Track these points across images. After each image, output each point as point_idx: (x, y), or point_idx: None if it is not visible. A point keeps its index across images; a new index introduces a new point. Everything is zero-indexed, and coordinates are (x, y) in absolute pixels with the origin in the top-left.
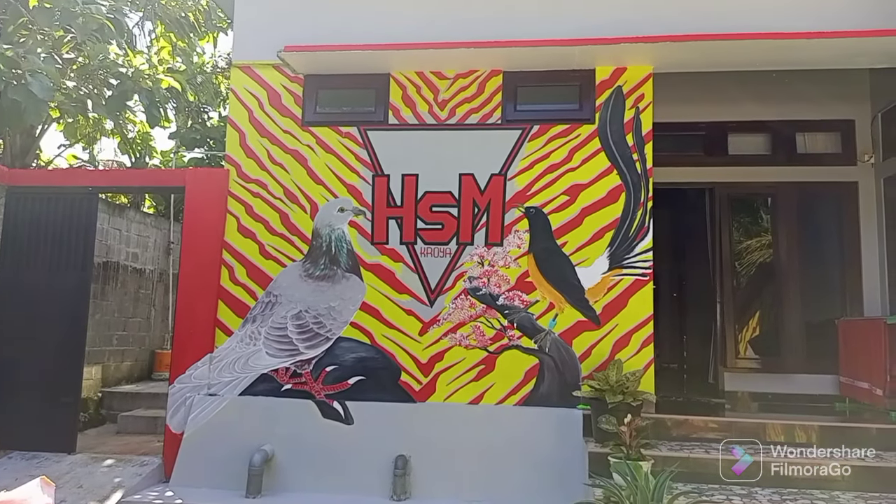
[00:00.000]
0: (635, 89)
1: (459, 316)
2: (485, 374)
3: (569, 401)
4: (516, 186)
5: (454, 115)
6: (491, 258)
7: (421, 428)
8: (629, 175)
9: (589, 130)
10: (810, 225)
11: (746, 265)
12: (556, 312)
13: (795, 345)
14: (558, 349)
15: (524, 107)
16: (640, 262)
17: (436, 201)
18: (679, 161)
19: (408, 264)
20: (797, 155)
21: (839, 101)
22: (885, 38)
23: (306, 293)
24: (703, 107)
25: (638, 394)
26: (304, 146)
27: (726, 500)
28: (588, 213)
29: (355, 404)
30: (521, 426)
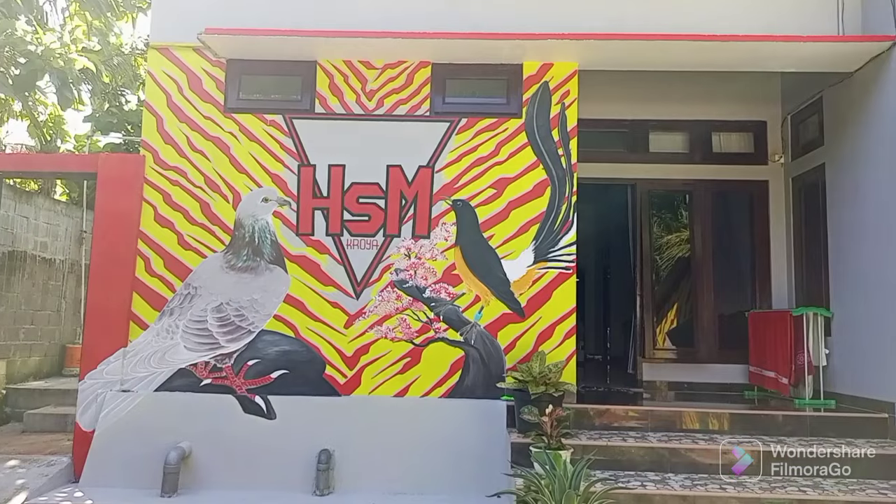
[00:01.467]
0: (561, 85)
1: (386, 308)
2: (410, 366)
3: (493, 392)
4: (444, 179)
5: (382, 106)
6: (418, 250)
7: (345, 422)
8: (554, 170)
9: (516, 125)
10: (724, 221)
11: (667, 259)
12: (482, 305)
13: (709, 336)
14: (483, 341)
15: (452, 99)
16: (564, 256)
17: (363, 192)
18: (603, 157)
19: (334, 256)
20: (713, 154)
21: (752, 102)
22: (793, 43)
23: (228, 285)
24: (626, 105)
25: (560, 385)
26: (226, 133)
27: (641, 485)
28: (514, 206)
29: (278, 399)
30: (446, 418)
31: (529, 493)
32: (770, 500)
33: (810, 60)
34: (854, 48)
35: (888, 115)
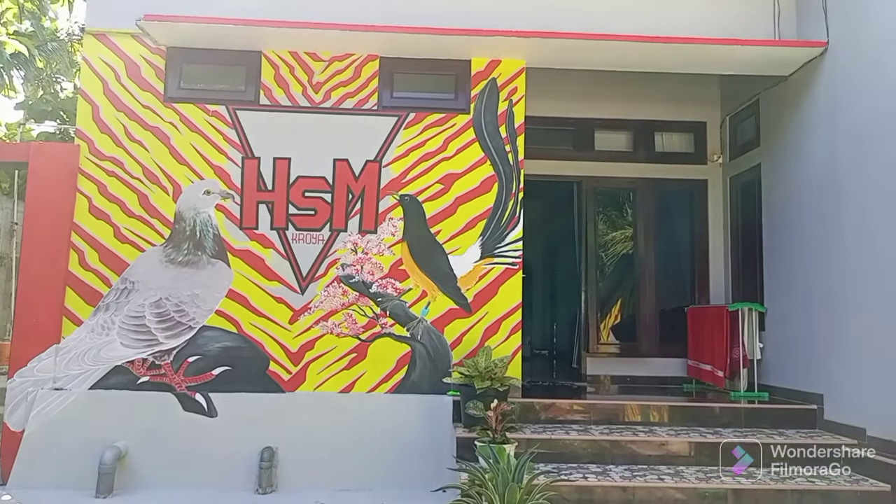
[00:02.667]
0: (509, 82)
1: (332, 304)
2: (357, 362)
3: (439, 387)
4: (391, 174)
5: (329, 99)
6: (365, 245)
7: (290, 418)
8: (502, 166)
9: (464, 120)
10: (666, 219)
11: (612, 256)
12: (429, 300)
13: (650, 331)
14: (430, 337)
15: (400, 94)
16: (510, 252)
17: (309, 186)
18: (550, 154)
19: (279, 251)
20: (655, 153)
21: (693, 104)
22: (733, 46)
23: (167, 280)
24: (573, 103)
25: (505, 379)
26: (166, 123)
27: (583, 477)
28: (462, 202)
29: (220, 396)
30: (392, 414)
31: (473, 487)
32: (706, 490)
33: (749, 63)
34: (789, 53)
35: (819, 118)
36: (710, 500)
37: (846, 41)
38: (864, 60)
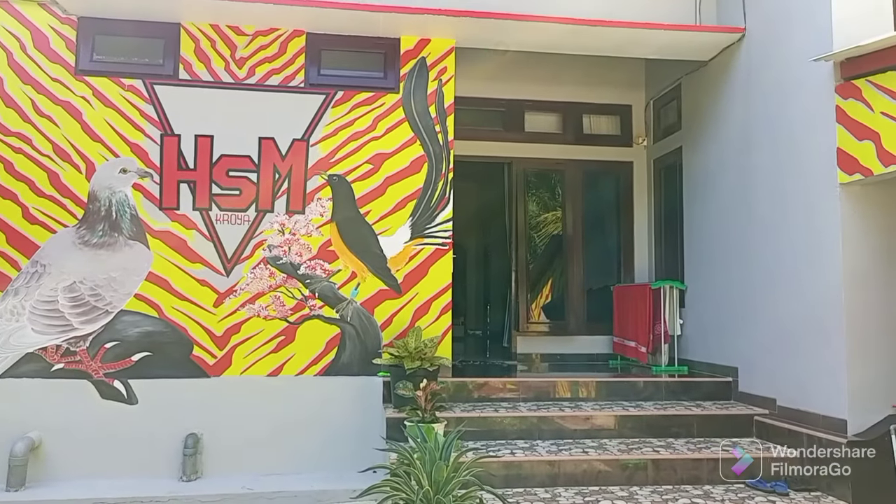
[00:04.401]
0: (439, 61)
1: (258, 286)
2: (285, 345)
3: (369, 369)
4: (319, 153)
5: (254, 75)
6: (292, 226)
7: (215, 404)
8: (431, 146)
9: (393, 100)
10: (594, 200)
11: (543, 237)
12: (359, 281)
13: (578, 310)
14: (360, 318)
15: (328, 71)
16: (441, 232)
17: (233, 165)
18: (480, 135)
19: (202, 232)
20: (584, 135)
21: (620, 87)
22: (656, 30)
23: (82, 262)
24: (503, 84)
25: (435, 359)
26: (77, 98)
27: (510, 453)
28: (391, 182)
29: (140, 382)
30: (321, 396)
31: (401, 467)
32: (627, 461)
33: (671, 48)
34: (709, 38)
35: (736, 103)
36: (632, 470)
37: (762, 27)
38: (777, 46)
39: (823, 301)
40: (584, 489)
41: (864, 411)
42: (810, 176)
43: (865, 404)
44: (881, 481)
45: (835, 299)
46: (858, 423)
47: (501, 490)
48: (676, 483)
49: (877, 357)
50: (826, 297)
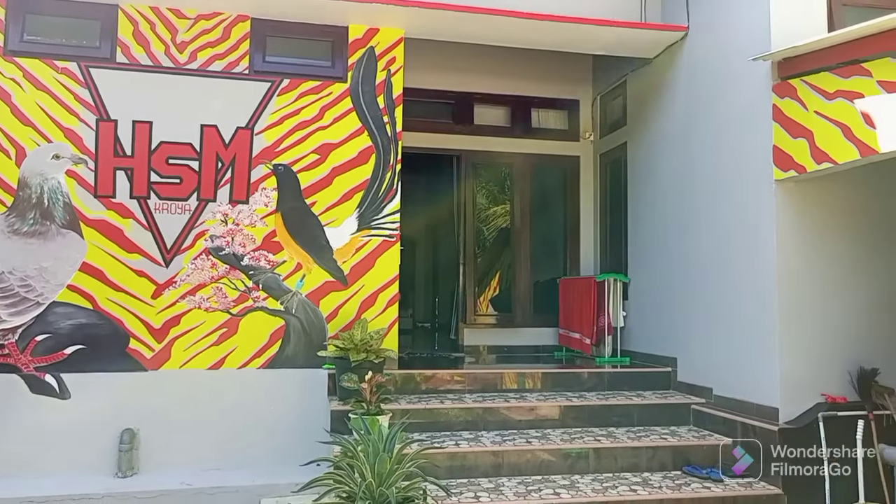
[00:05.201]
0: (387, 51)
1: (199, 277)
2: (227, 337)
3: (315, 361)
4: (264, 142)
5: (195, 60)
6: (235, 216)
7: (153, 398)
8: (379, 137)
9: (341, 89)
10: (541, 194)
11: (493, 230)
12: (304, 273)
13: (525, 302)
14: (305, 310)
15: (274, 58)
16: (388, 224)
17: (173, 153)
18: (429, 127)
19: (139, 221)
20: (532, 129)
21: (568, 82)
22: (602, 27)
23: (11, 252)
24: (453, 76)
25: (381, 351)
26: (6, 80)
27: (455, 444)
28: (338, 172)
29: (73, 376)
30: (265, 389)
31: (344, 459)
32: (569, 450)
33: (617, 45)
34: (653, 36)
35: (678, 100)
36: (574, 459)
37: (704, 27)
38: (718, 45)
39: (758, 294)
40: (528, 479)
41: (795, 400)
42: (748, 172)
43: (796, 393)
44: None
45: (769, 292)
46: (789, 411)
47: (445, 481)
48: (617, 471)
49: (807, 348)
50: (761, 290)
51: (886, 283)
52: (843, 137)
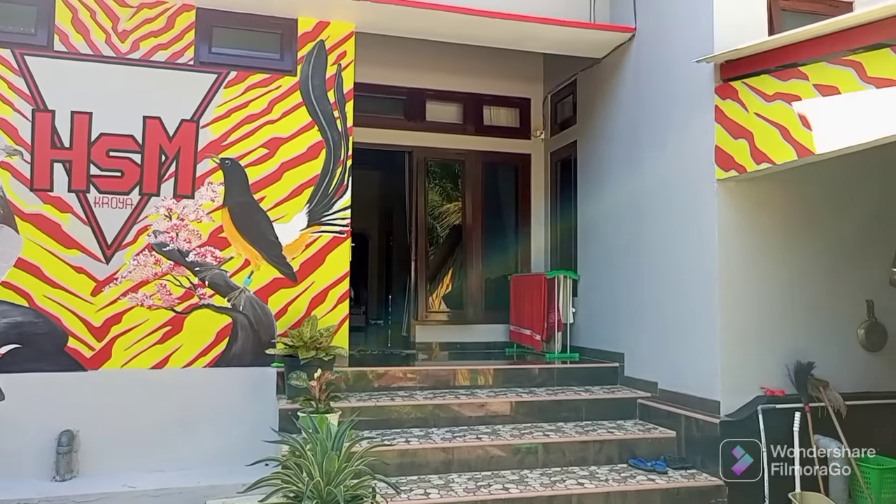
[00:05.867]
0: (338, 45)
1: (142, 274)
2: (171, 335)
3: (263, 359)
4: (210, 135)
5: (138, 50)
6: (180, 211)
7: (93, 398)
8: (330, 132)
9: (290, 83)
10: (493, 191)
11: (445, 227)
12: (252, 269)
13: (476, 299)
14: (253, 307)
15: (220, 50)
16: (338, 220)
17: (114, 145)
18: (381, 123)
19: (78, 215)
20: (484, 126)
21: (519, 80)
22: (551, 26)
23: None
24: (405, 72)
25: (331, 349)
26: None
27: (405, 441)
28: (287, 168)
29: (8, 377)
30: (211, 388)
31: (292, 459)
32: (519, 446)
33: (566, 44)
34: (601, 36)
35: (626, 100)
36: (523, 454)
37: (651, 28)
38: (664, 47)
39: (701, 290)
40: (478, 474)
41: (736, 393)
42: (692, 171)
43: (737, 387)
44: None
45: (711, 289)
46: (730, 404)
47: (395, 478)
48: (565, 465)
49: (747, 343)
50: (703, 286)
51: (822, 280)
52: (782, 139)
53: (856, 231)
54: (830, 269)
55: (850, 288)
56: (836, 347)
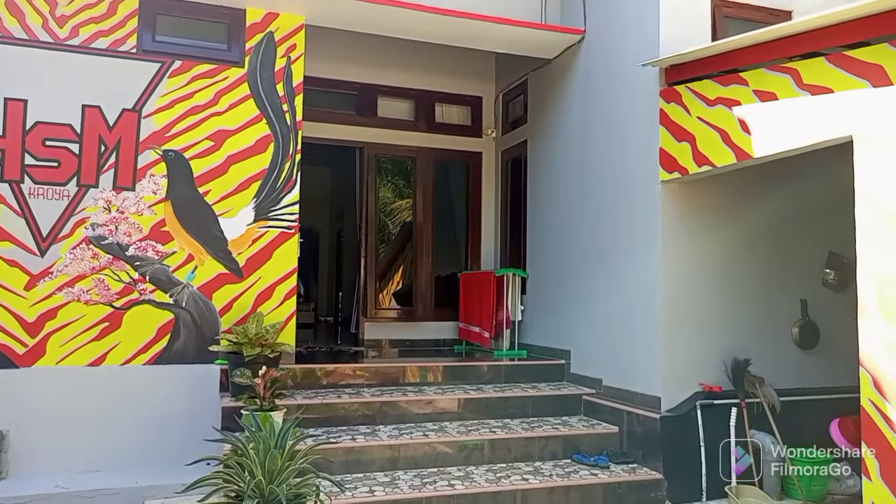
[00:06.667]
0: (287, 38)
1: (79, 268)
2: (109, 332)
3: (207, 356)
4: (153, 126)
5: (77, 36)
6: (120, 204)
7: (25, 397)
8: (279, 126)
9: (238, 74)
10: (444, 189)
11: (397, 224)
12: (196, 264)
13: (426, 296)
14: (196, 303)
15: (165, 38)
16: (286, 215)
17: (50, 134)
18: (332, 118)
19: (11, 206)
20: (436, 123)
21: (471, 78)
22: (502, 25)
23: None
24: (357, 67)
25: (277, 345)
26: None
27: (351, 439)
28: (234, 161)
29: None
30: (151, 386)
31: (233, 457)
32: (465, 442)
33: (517, 44)
34: (552, 37)
35: (575, 101)
36: (470, 450)
37: (600, 31)
38: (612, 50)
39: (644, 289)
40: (424, 471)
41: (676, 389)
42: (638, 172)
43: (677, 383)
44: (687, 452)
45: (653, 287)
46: (670, 399)
47: (340, 476)
48: (511, 461)
49: (688, 340)
50: (646, 285)
51: (759, 280)
52: (722, 142)
53: (791, 233)
54: (767, 269)
55: (785, 288)
56: (772, 345)
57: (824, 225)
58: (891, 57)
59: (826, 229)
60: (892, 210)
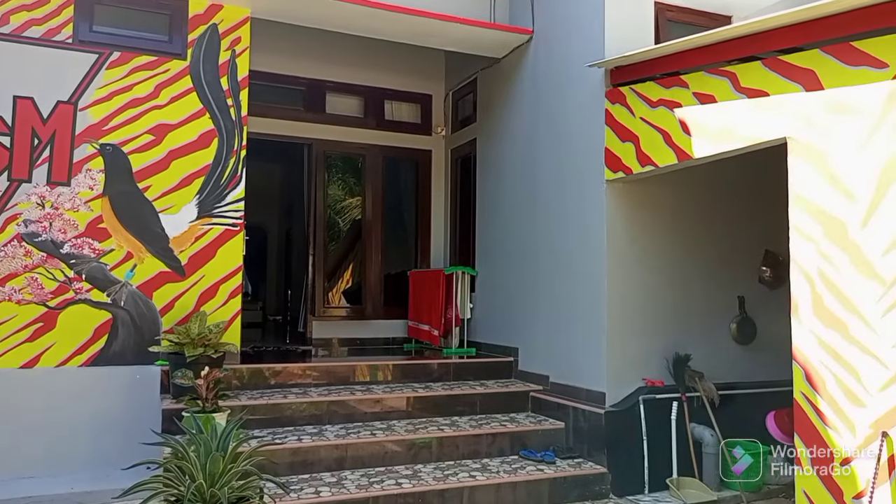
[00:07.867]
0: (232, 30)
1: (10, 266)
2: (43, 332)
3: (146, 357)
4: (90, 119)
5: (8, 24)
6: (54, 199)
7: None
8: (223, 120)
9: (180, 66)
10: (393, 186)
11: (347, 221)
12: (135, 263)
13: (375, 294)
14: (136, 302)
15: (103, 28)
16: (231, 212)
17: None
18: (279, 113)
19: None
20: (385, 121)
21: (421, 76)
22: (449, 23)
23: None
24: (305, 63)
25: (221, 345)
26: None
27: (297, 440)
28: (176, 156)
29: None
30: (88, 388)
31: (173, 461)
32: (413, 440)
33: (466, 43)
34: (500, 36)
35: (524, 100)
36: (418, 448)
37: (547, 31)
38: (559, 50)
39: (589, 287)
40: (371, 470)
41: (620, 385)
42: (584, 172)
43: (621, 378)
44: (631, 446)
45: (598, 285)
46: (615, 395)
47: (286, 478)
48: (458, 458)
49: (631, 337)
50: (591, 283)
51: (699, 277)
52: (664, 143)
53: (729, 231)
54: (706, 266)
55: (724, 285)
56: (711, 341)
57: (761, 224)
58: (822, 62)
59: (762, 228)
60: (822, 209)
